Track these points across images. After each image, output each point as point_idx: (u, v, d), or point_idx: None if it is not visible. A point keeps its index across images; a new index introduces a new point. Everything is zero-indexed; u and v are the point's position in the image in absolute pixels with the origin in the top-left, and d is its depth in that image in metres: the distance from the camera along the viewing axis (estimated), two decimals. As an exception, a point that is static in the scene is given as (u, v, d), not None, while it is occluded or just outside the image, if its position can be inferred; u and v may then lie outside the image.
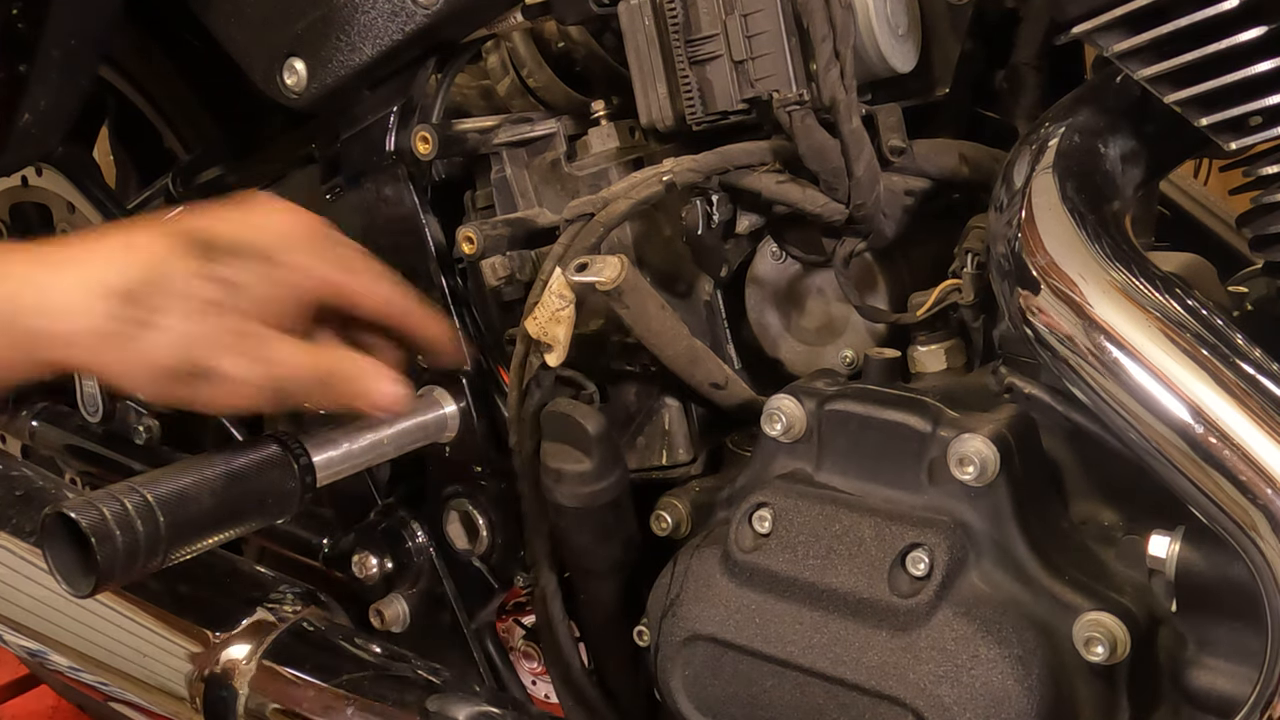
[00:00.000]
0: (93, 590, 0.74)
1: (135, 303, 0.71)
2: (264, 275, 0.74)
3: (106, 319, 0.70)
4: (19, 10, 0.99)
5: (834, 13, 0.74)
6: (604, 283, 0.76)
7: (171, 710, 1.02)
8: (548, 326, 0.80)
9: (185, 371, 0.73)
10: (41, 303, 0.70)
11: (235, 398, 0.74)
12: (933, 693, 0.69)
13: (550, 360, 0.82)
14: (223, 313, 0.72)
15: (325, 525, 1.15)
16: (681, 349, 0.81)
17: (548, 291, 0.79)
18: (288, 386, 0.76)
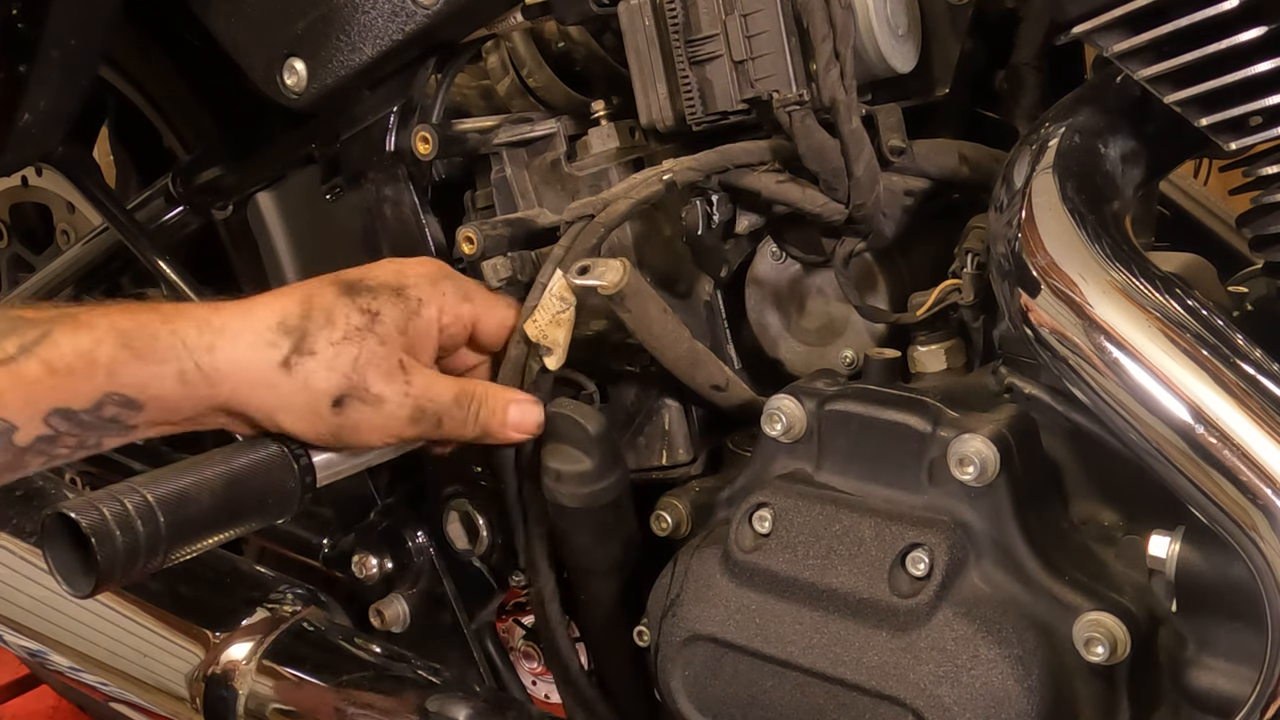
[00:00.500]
0: (93, 590, 0.74)
1: (291, 331, 0.77)
2: (399, 305, 0.80)
3: (268, 347, 0.77)
4: (19, 10, 0.99)
5: (834, 13, 0.74)
6: (606, 286, 0.76)
7: (172, 710, 1.02)
8: (547, 329, 0.79)
9: (341, 394, 0.78)
10: (212, 341, 0.76)
11: (387, 426, 0.80)
12: (933, 693, 0.69)
13: (550, 363, 0.81)
14: (367, 337, 0.78)
15: (325, 525, 1.15)
16: (683, 352, 0.81)
17: (548, 294, 0.79)
18: (430, 411, 0.80)
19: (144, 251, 1.22)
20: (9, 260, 1.56)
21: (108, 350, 0.73)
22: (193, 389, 0.76)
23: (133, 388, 0.74)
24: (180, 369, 0.75)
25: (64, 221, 1.46)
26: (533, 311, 0.80)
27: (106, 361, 0.73)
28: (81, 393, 0.73)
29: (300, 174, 1.14)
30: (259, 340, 0.77)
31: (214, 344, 0.76)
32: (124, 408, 0.75)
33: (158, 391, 0.75)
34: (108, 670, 1.06)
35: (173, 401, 0.76)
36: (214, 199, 1.23)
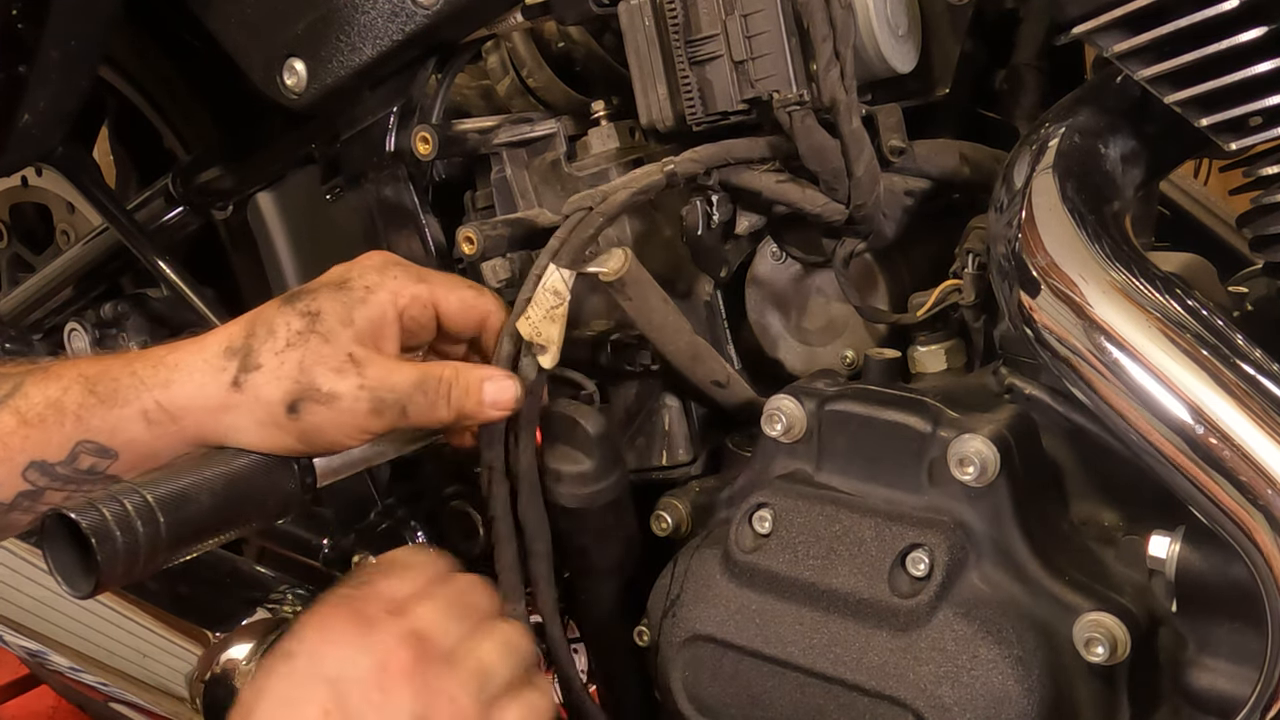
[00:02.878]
0: (93, 591, 0.74)
1: (237, 351, 0.77)
2: (340, 298, 0.79)
3: (218, 372, 0.77)
4: (19, 10, 0.99)
5: (834, 13, 0.74)
6: (607, 273, 0.75)
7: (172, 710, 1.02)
8: (541, 325, 0.76)
9: (292, 399, 0.77)
10: (167, 377, 0.77)
11: (350, 422, 0.78)
12: (933, 693, 0.69)
13: (545, 362, 0.79)
14: (310, 338, 0.77)
15: (326, 526, 1.15)
16: (684, 344, 0.81)
17: (541, 288, 0.76)
18: (390, 400, 0.78)
19: (144, 252, 1.22)
20: (9, 260, 1.56)
21: (74, 397, 0.75)
22: (159, 428, 0.77)
23: (103, 433, 0.76)
24: (143, 409, 0.76)
25: (64, 222, 1.46)
26: (525, 307, 0.77)
27: (74, 408, 0.75)
28: (54, 443, 0.75)
29: (300, 174, 1.14)
30: (209, 368, 0.78)
31: (169, 379, 0.77)
32: (99, 456, 0.76)
33: (127, 436, 0.76)
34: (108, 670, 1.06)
35: (144, 444, 0.77)
36: (214, 199, 1.23)
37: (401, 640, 0.66)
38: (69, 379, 0.76)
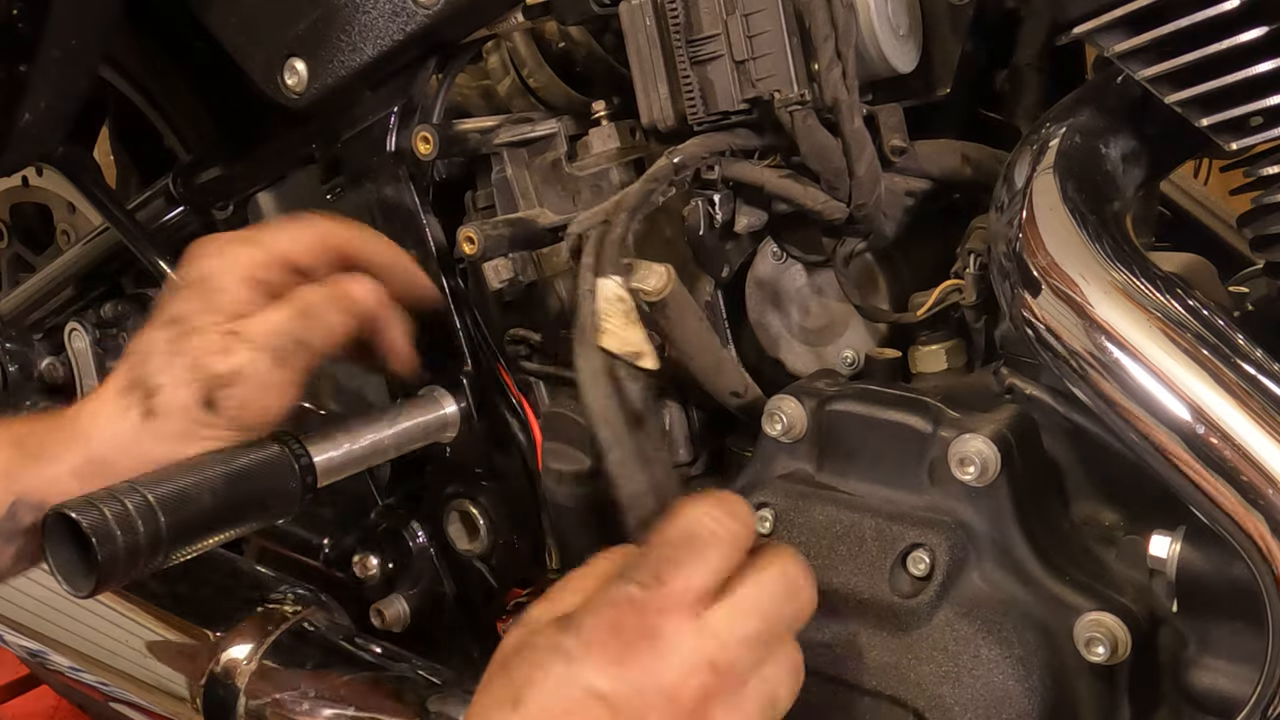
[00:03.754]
0: (93, 590, 0.74)
1: (132, 388, 0.80)
2: (191, 293, 0.82)
3: (125, 413, 0.80)
4: (19, 10, 0.99)
5: (836, 13, 0.74)
6: (649, 292, 0.73)
7: (172, 710, 1.02)
8: (624, 334, 0.71)
9: (203, 395, 0.79)
10: (86, 431, 0.80)
11: (267, 380, 0.80)
12: (934, 693, 0.69)
13: (649, 364, 0.71)
14: (186, 338, 0.80)
15: (326, 525, 1.15)
16: (710, 359, 0.79)
17: (602, 301, 0.70)
18: (285, 336, 0.80)
19: (144, 252, 1.22)
20: (9, 260, 1.56)
21: (4, 457, 0.79)
22: (94, 480, 0.78)
23: (37, 491, 0.78)
24: (72, 466, 0.79)
25: (64, 222, 1.46)
26: (599, 324, 0.71)
27: (4, 467, 0.78)
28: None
29: (300, 174, 1.14)
30: (115, 413, 0.80)
31: (88, 434, 0.80)
32: (38, 511, 0.77)
33: (62, 490, 0.77)
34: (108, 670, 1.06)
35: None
36: (214, 199, 1.23)
37: (695, 670, 0.58)
38: (1, 441, 0.80)
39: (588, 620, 0.59)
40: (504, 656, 0.61)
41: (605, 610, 0.59)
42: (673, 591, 0.59)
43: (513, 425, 1.01)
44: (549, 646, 0.59)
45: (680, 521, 0.62)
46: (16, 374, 1.45)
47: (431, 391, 1.01)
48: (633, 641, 0.58)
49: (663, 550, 0.61)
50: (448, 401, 1.00)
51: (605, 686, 0.57)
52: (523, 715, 0.57)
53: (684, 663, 0.58)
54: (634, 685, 0.57)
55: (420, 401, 1.00)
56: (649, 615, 0.58)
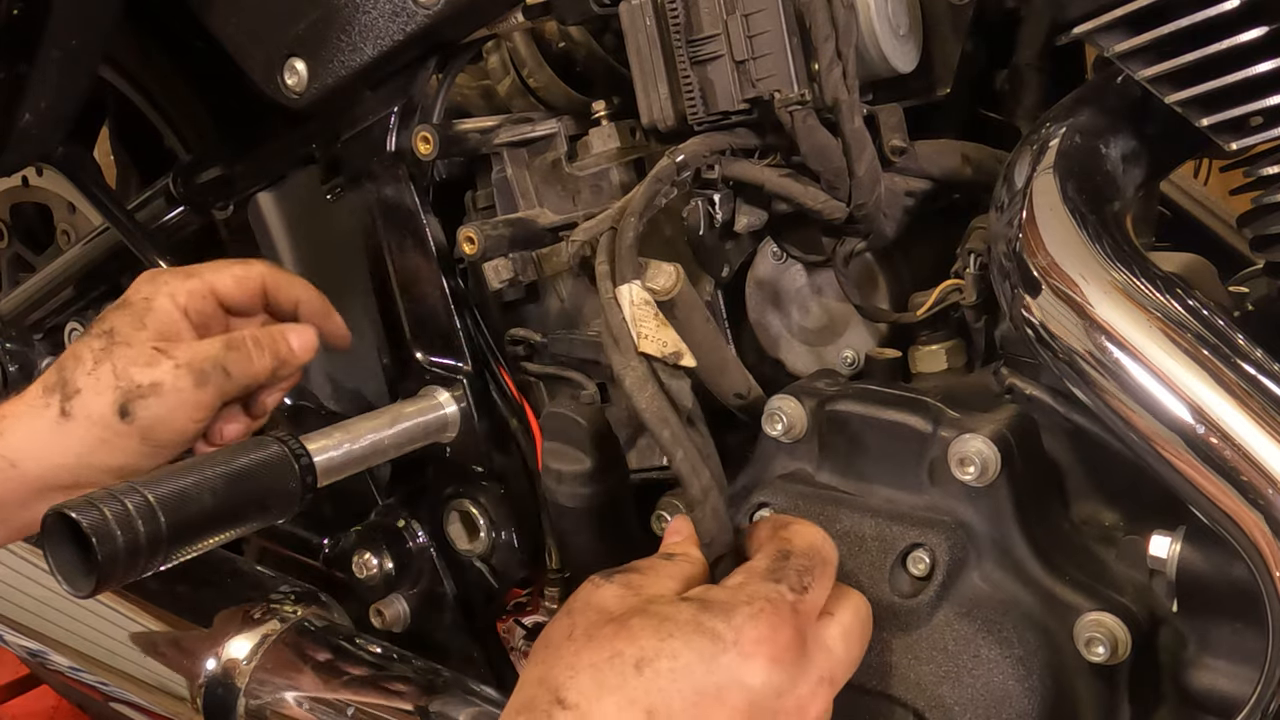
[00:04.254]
0: (93, 590, 0.74)
1: (54, 387, 0.84)
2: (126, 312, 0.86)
3: (43, 410, 0.83)
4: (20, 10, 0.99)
5: (836, 13, 0.74)
6: (659, 292, 0.72)
7: (172, 710, 1.02)
8: (658, 335, 0.71)
9: (120, 402, 0.83)
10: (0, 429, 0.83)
11: (182, 401, 0.84)
12: (934, 693, 0.69)
13: (688, 362, 0.72)
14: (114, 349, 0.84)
15: (326, 525, 1.15)
16: (716, 360, 0.79)
17: (630, 307, 0.70)
18: (209, 366, 0.84)
19: (144, 252, 1.22)
20: (9, 260, 1.56)
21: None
22: (4, 481, 0.82)
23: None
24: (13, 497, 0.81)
25: (64, 221, 1.46)
26: (636, 330, 0.71)
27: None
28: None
29: (300, 174, 1.14)
30: (33, 410, 0.84)
31: (1, 430, 0.83)
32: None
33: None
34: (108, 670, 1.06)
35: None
36: (214, 199, 1.23)
37: (821, 682, 0.60)
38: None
39: (742, 610, 0.59)
40: (613, 613, 0.59)
41: (762, 605, 0.59)
42: (814, 602, 0.62)
43: (512, 425, 1.01)
44: (692, 622, 0.58)
45: (806, 537, 0.65)
46: (16, 374, 1.45)
47: (431, 391, 1.01)
48: (789, 644, 0.59)
49: (800, 561, 0.63)
50: (448, 401, 1.00)
51: (755, 681, 0.58)
52: (648, 683, 0.56)
53: (818, 673, 0.60)
54: (778, 687, 0.58)
55: (420, 401, 1.00)
56: (801, 620, 0.60)
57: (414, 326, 1.03)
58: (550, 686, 0.57)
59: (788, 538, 0.65)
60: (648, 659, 0.57)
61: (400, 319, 1.04)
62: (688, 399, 0.71)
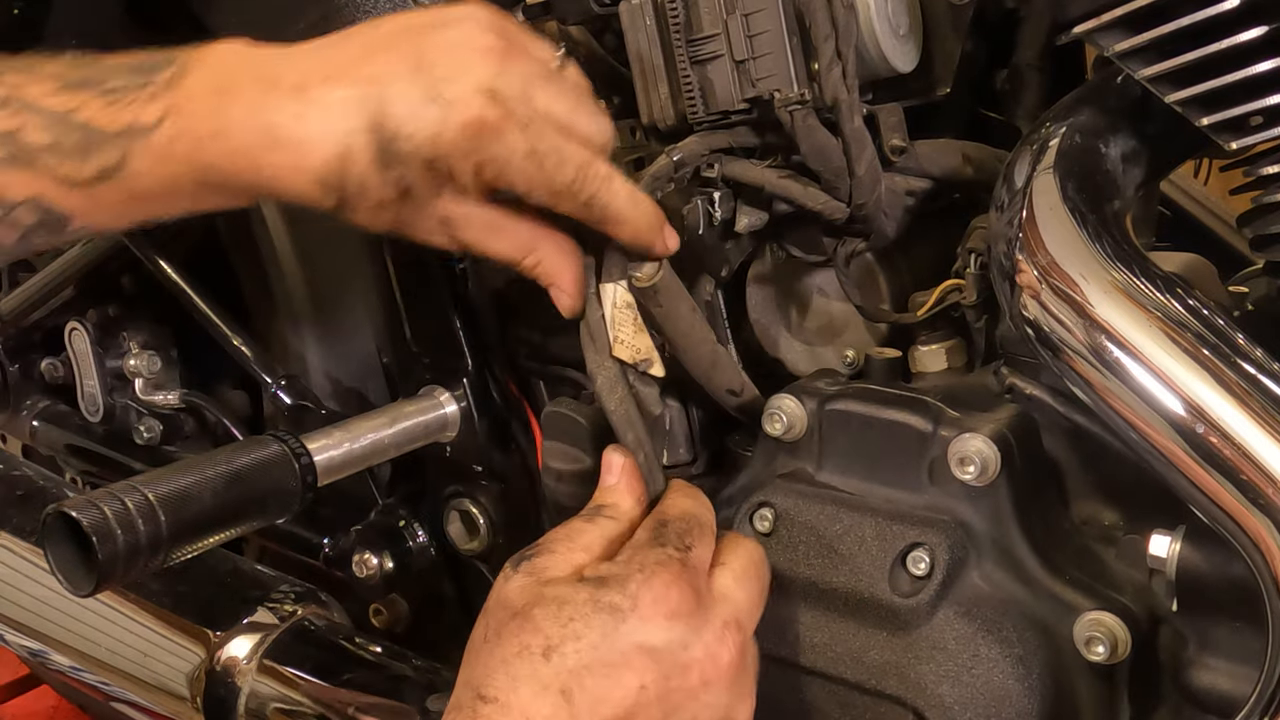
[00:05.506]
0: (94, 589, 0.74)
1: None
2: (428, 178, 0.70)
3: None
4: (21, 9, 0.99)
5: (836, 12, 0.74)
6: (641, 279, 0.74)
7: (172, 709, 1.02)
8: (634, 342, 0.74)
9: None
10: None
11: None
12: (934, 692, 0.69)
13: (657, 371, 0.75)
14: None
15: (326, 525, 1.15)
16: (705, 353, 0.79)
17: (612, 308, 0.73)
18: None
19: (144, 252, 1.22)
20: (9, 260, 1.56)
21: (187, 189, 0.68)
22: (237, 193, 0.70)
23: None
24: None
25: (65, 221, 1.46)
26: (613, 334, 0.73)
27: (188, 193, 0.68)
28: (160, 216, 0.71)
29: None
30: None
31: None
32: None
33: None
34: (108, 669, 1.06)
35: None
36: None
37: (726, 629, 0.64)
38: (180, 164, 0.67)
39: (635, 577, 0.62)
40: (516, 608, 0.62)
41: (652, 569, 0.63)
42: (700, 556, 0.66)
43: (512, 425, 1.01)
44: (589, 601, 0.61)
45: (678, 505, 0.69)
46: (17, 374, 1.45)
47: (431, 391, 1.01)
48: (683, 599, 0.62)
49: (678, 524, 0.67)
50: (448, 401, 1.00)
51: (657, 640, 0.61)
52: (557, 666, 0.59)
53: (720, 619, 0.64)
54: (682, 640, 0.62)
55: (420, 401, 1.00)
56: (691, 575, 0.64)
57: (414, 326, 1.03)
58: (473, 686, 0.60)
59: (662, 509, 0.69)
60: (554, 645, 0.60)
61: (400, 318, 1.04)
62: (655, 405, 0.75)
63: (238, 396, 1.35)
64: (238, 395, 1.35)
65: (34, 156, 0.64)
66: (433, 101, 0.65)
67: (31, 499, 1.13)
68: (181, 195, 0.67)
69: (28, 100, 0.65)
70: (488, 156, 0.66)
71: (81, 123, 0.64)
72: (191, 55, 0.67)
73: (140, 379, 1.29)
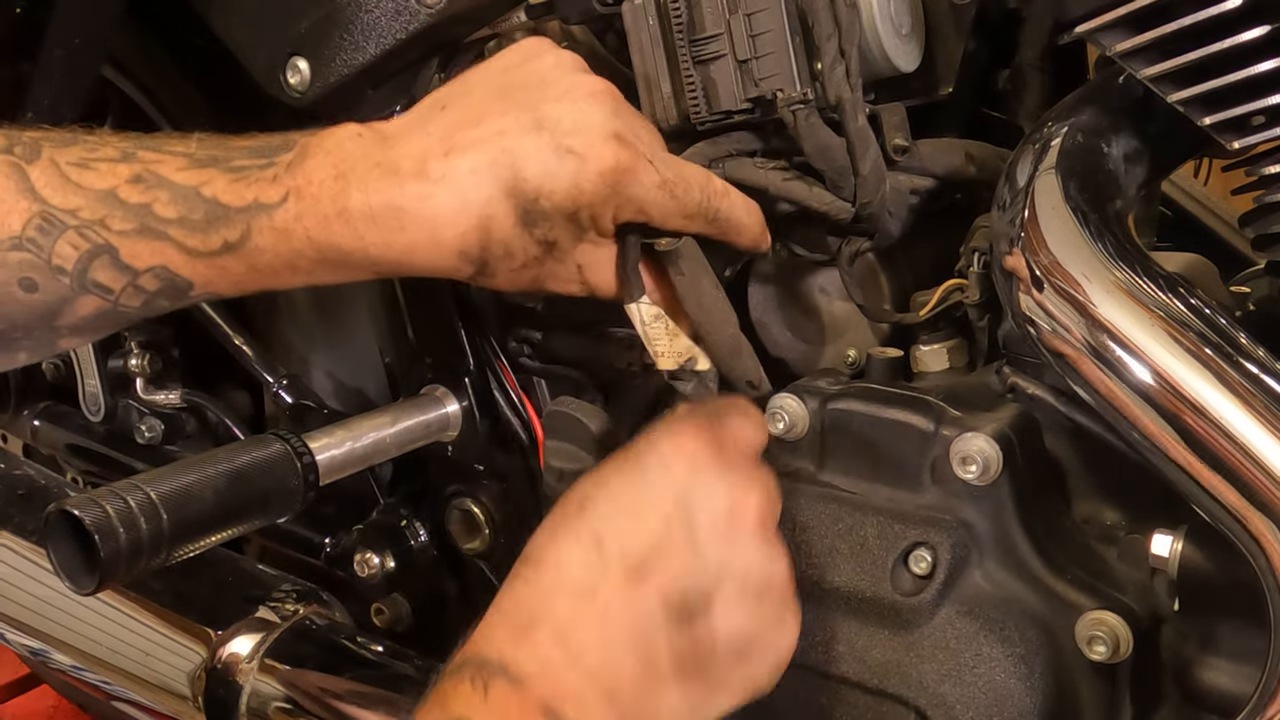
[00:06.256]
0: (96, 588, 0.74)
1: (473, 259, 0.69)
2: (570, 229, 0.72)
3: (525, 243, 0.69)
4: (22, 9, 0.99)
5: (839, 12, 0.74)
6: (663, 244, 0.74)
7: (174, 708, 1.02)
8: (674, 347, 0.77)
9: None
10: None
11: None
12: (936, 691, 0.69)
13: (703, 365, 0.78)
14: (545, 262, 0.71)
15: (328, 524, 1.15)
16: (727, 336, 0.79)
17: (642, 326, 0.76)
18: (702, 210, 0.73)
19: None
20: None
21: (305, 266, 0.68)
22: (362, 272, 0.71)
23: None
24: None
25: (66, 221, 1.45)
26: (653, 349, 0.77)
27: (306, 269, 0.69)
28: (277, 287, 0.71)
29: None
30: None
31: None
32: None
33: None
34: (110, 669, 1.06)
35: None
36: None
37: (759, 490, 0.66)
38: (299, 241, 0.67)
39: (664, 435, 0.66)
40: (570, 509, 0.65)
41: (683, 427, 0.67)
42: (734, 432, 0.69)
43: (514, 424, 1.01)
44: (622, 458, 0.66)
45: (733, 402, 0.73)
46: (18, 374, 1.45)
47: (433, 390, 1.01)
48: (707, 455, 0.66)
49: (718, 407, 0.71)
50: (449, 400, 1.00)
51: (682, 485, 0.64)
52: (589, 517, 0.64)
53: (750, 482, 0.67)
54: (704, 487, 0.65)
55: (422, 400, 1.00)
56: (719, 434, 0.67)
57: (416, 325, 1.03)
58: (522, 555, 0.65)
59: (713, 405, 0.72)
60: (588, 498, 0.64)
61: (402, 317, 1.04)
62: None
63: (239, 396, 1.35)
64: (239, 395, 1.35)
65: (163, 228, 0.66)
66: (566, 155, 0.67)
67: (33, 498, 1.13)
68: (299, 271, 0.69)
69: (160, 176, 0.67)
70: (626, 197, 0.69)
71: (208, 198, 0.67)
72: (310, 140, 0.68)
73: (141, 378, 1.29)
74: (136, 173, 0.67)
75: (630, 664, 0.61)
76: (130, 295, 0.68)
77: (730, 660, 0.64)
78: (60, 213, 0.66)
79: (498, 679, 0.59)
